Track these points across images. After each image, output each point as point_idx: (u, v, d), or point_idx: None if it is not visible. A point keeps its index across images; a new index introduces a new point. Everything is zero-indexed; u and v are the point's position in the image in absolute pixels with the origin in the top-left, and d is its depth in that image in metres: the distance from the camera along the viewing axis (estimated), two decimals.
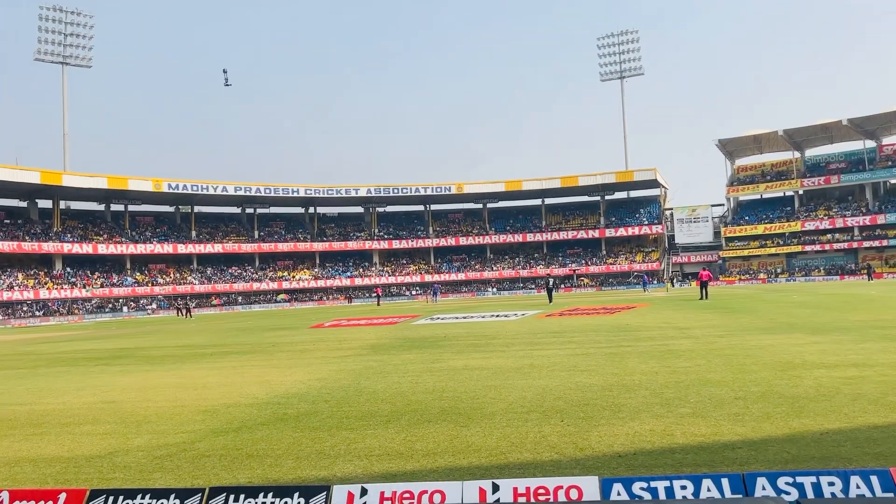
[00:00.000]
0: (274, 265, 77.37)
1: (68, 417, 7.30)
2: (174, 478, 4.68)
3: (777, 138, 77.42)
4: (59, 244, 63.41)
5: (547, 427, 5.59)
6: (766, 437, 4.93)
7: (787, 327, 13.95)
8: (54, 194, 65.15)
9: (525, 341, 13.70)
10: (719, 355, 9.65)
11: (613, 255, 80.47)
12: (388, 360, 11.26)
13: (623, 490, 3.73)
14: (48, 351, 18.78)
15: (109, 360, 14.35)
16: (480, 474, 4.35)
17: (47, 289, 60.87)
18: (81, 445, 5.85)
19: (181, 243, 71.62)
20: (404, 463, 4.79)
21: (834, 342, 10.68)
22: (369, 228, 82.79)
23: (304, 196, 76.70)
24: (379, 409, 6.84)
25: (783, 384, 7.03)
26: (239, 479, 4.58)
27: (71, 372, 12.37)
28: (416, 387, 8.13)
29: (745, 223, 78.89)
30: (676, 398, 6.56)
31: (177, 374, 11.03)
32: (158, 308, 64.71)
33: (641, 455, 4.65)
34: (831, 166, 77.91)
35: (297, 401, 7.58)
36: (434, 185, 78.70)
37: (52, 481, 4.73)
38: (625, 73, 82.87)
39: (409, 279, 77.76)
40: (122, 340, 22.00)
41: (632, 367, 8.91)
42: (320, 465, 4.85)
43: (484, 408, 6.57)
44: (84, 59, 71.14)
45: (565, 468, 4.43)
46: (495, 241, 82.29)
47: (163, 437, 6.04)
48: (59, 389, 9.81)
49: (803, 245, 73.58)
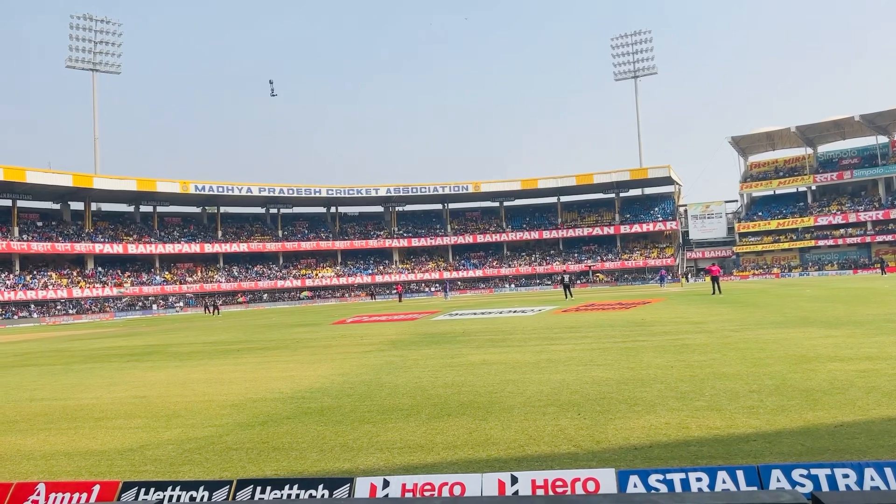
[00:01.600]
0: (297, 263, 78.09)
1: (101, 412, 7.50)
2: (203, 470, 4.79)
3: (790, 135, 76.73)
4: (91, 244, 64.71)
5: (564, 420, 5.65)
6: (781, 430, 4.93)
7: (800, 321, 13.81)
8: (86, 196, 66.51)
9: (542, 336, 13.73)
10: (734, 349, 9.61)
11: (628, 251, 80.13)
12: (409, 356, 11.37)
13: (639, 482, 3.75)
14: (81, 348, 19.19)
15: (140, 357, 14.66)
16: (499, 467, 4.40)
17: (80, 287, 62.16)
18: (114, 439, 6.01)
19: (208, 243, 72.64)
20: (425, 455, 4.86)
21: (848, 335, 10.56)
22: (389, 227, 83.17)
23: (326, 196, 77.40)
24: (400, 403, 6.93)
25: (797, 377, 7.01)
26: (265, 471, 4.67)
27: (103, 368, 12.67)
28: (435, 381, 8.22)
29: (759, 219, 78.37)
30: (692, 392, 6.57)
31: (204, 370, 11.25)
32: (186, 306, 65.72)
33: (657, 448, 4.68)
34: (844, 162, 77.06)
35: (320, 395, 7.71)
36: (452, 185, 78.98)
37: (87, 473, 4.86)
38: (638, 73, 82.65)
39: (428, 276, 78.07)
40: (151, 337, 22.41)
41: (647, 361, 8.91)
42: (343, 457, 4.93)
43: (502, 401, 6.64)
44: (113, 66, 72.58)
45: (582, 461, 4.47)
46: (512, 238, 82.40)
47: (192, 430, 6.19)
48: (93, 385, 10.07)
49: (816, 240, 73.13)
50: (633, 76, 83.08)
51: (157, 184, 67.40)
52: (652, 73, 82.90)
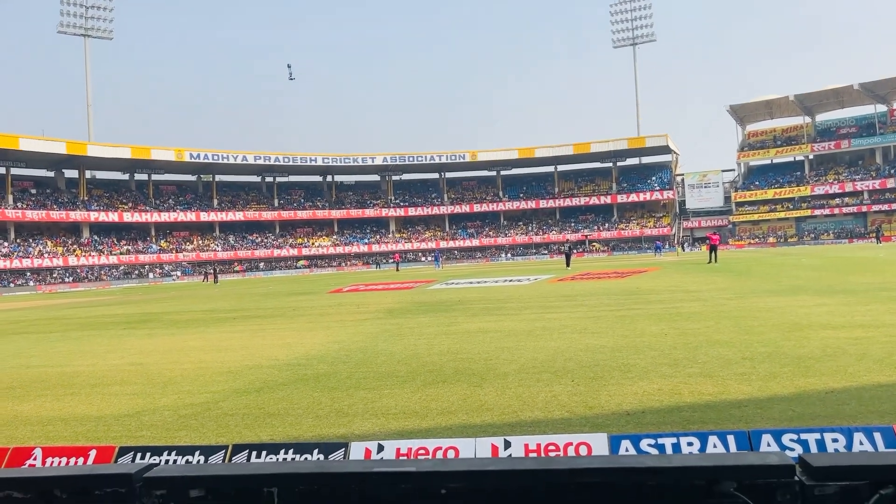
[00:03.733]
0: (294, 232, 77.97)
1: (97, 379, 7.54)
2: (199, 436, 4.83)
3: (788, 103, 76.36)
4: (86, 213, 64.42)
5: (558, 387, 5.69)
6: (772, 396, 4.98)
7: (794, 289, 13.91)
8: (80, 164, 65.98)
9: (537, 305, 13.81)
10: (727, 317, 9.68)
11: (625, 220, 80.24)
12: (405, 324, 11.43)
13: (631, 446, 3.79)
14: (78, 315, 19.24)
15: (136, 325, 14.70)
16: (493, 432, 4.44)
17: (76, 256, 62.08)
18: (110, 405, 6.05)
19: (203, 211, 72.37)
20: (420, 421, 4.91)
21: (841, 304, 10.64)
22: (385, 196, 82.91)
23: (322, 165, 76.98)
24: (395, 369, 6.98)
25: (790, 345, 7.05)
26: (261, 436, 4.71)
27: (100, 335, 12.71)
28: (431, 349, 8.27)
29: (756, 188, 78.49)
30: (684, 358, 6.62)
31: (201, 338, 11.30)
32: (183, 274, 65.72)
33: (650, 413, 4.73)
34: (842, 131, 76.89)
35: (316, 362, 7.76)
36: (448, 153, 78.57)
37: (83, 439, 4.89)
38: (637, 40, 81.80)
39: (424, 245, 78.18)
40: (147, 305, 22.45)
41: (641, 328, 8.97)
42: (339, 423, 4.97)
43: (497, 368, 6.69)
44: (105, 31, 71.51)
45: (575, 426, 4.51)
46: (509, 207, 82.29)
47: (188, 397, 6.23)
48: (89, 352, 10.11)
49: (813, 209, 73.41)
50: (632, 43, 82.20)
51: (151, 151, 66.84)
52: (651, 41, 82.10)
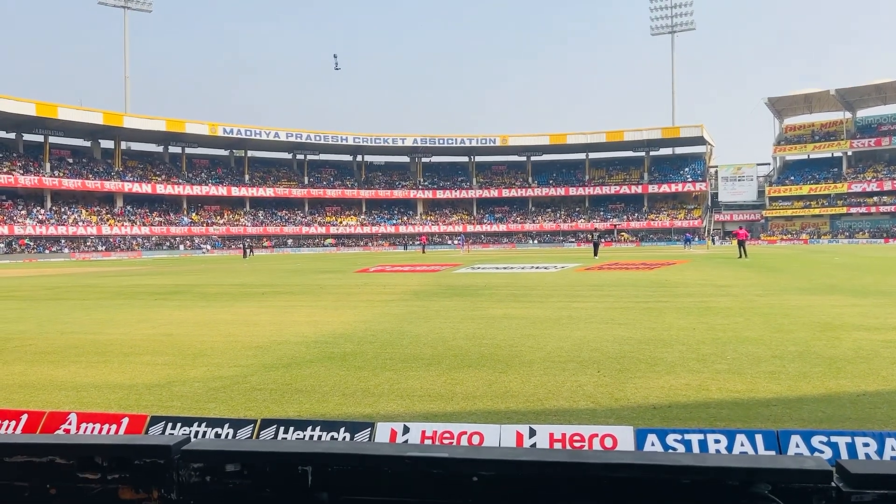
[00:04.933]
0: (322, 210, 78.51)
1: (129, 347, 7.71)
2: (228, 408, 4.92)
3: (828, 98, 74.34)
4: (121, 183, 65.57)
5: (583, 377, 5.67)
6: (802, 396, 4.90)
7: (827, 288, 13.65)
8: (116, 135, 67.05)
9: (564, 293, 13.74)
10: (758, 314, 9.53)
11: (655, 211, 79.20)
12: (430, 306, 11.47)
13: (657, 441, 3.77)
14: (110, 284, 19.64)
15: (168, 296, 14.98)
16: (517, 419, 4.45)
17: (109, 225, 63.30)
18: (142, 374, 6.19)
19: (235, 186, 73.20)
20: (444, 404, 4.93)
21: (875, 305, 10.41)
22: (414, 178, 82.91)
23: (353, 144, 77.20)
24: (421, 352, 7.02)
25: (821, 345, 6.93)
26: (288, 412, 4.78)
27: (132, 305, 12.98)
28: (456, 333, 8.29)
29: (791, 183, 76.91)
30: (713, 354, 6.54)
31: (230, 311, 11.47)
32: (213, 248, 66.66)
33: (676, 408, 4.68)
34: (883, 128, 74.63)
35: (343, 341, 7.84)
36: (479, 137, 78.25)
37: (116, 406, 5.01)
38: (676, 28, 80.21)
39: (451, 228, 78.20)
40: (178, 277, 22.84)
41: (669, 322, 8.88)
42: (365, 402, 5.02)
43: (522, 355, 6.68)
44: (145, 3, 72.44)
45: (600, 417, 4.50)
46: (538, 193, 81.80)
47: (217, 369, 6.34)
48: (121, 321, 10.33)
49: (848, 207, 71.74)
50: (671, 31, 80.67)
51: (185, 125, 67.65)
52: (690, 29, 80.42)
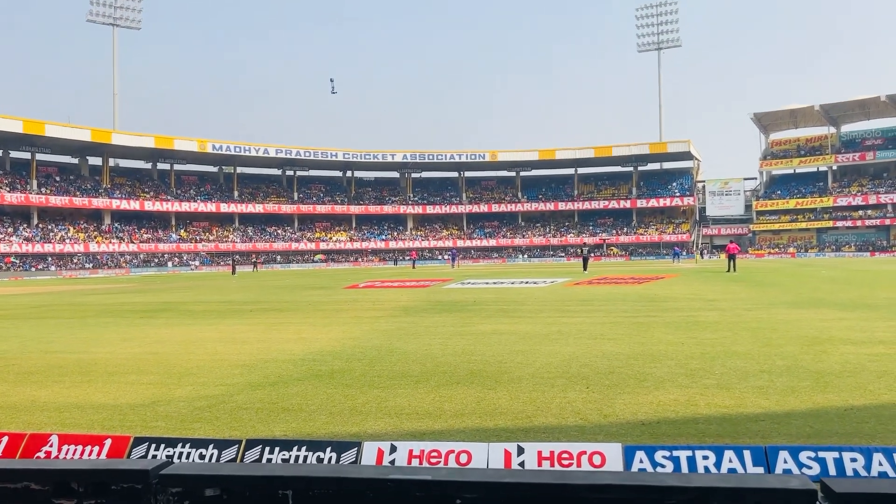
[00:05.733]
0: (312, 226, 78.42)
1: (114, 367, 7.60)
2: (213, 428, 4.85)
3: (813, 113, 75.42)
4: (108, 200, 65.22)
5: (572, 393, 5.65)
6: (790, 411, 4.90)
7: (814, 302, 13.72)
8: (104, 152, 66.80)
9: (553, 308, 13.74)
10: (746, 328, 9.56)
11: (644, 225, 79.77)
12: (419, 322, 11.43)
13: (646, 458, 3.74)
14: (96, 302, 19.44)
15: (154, 314, 14.84)
16: (506, 436, 4.42)
17: (96, 242, 62.86)
18: (126, 394, 6.09)
19: (224, 202, 72.99)
20: (432, 422, 4.89)
21: (862, 319, 10.48)
22: (404, 193, 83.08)
23: (343, 160, 77.38)
24: (409, 369, 6.97)
25: (809, 359, 6.96)
26: (274, 431, 4.72)
27: (117, 323, 12.84)
28: (445, 349, 8.26)
29: (777, 197, 77.79)
30: (701, 369, 6.55)
31: (217, 329, 11.37)
32: (201, 264, 66.32)
33: (665, 424, 4.67)
34: (867, 142, 75.80)
35: (331, 358, 7.78)
36: (468, 152, 78.73)
37: (99, 427, 4.92)
38: (662, 45, 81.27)
39: (441, 244, 78.32)
40: (165, 294, 22.65)
41: (658, 337, 8.89)
42: (352, 421, 4.97)
43: (511, 371, 6.66)
44: (133, 21, 72.38)
45: (589, 434, 4.48)
46: (527, 208, 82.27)
47: (203, 388, 6.26)
48: (106, 339, 10.21)
49: (835, 220, 72.57)
50: (657, 48, 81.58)
51: (174, 141, 67.50)
52: (676, 46, 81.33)
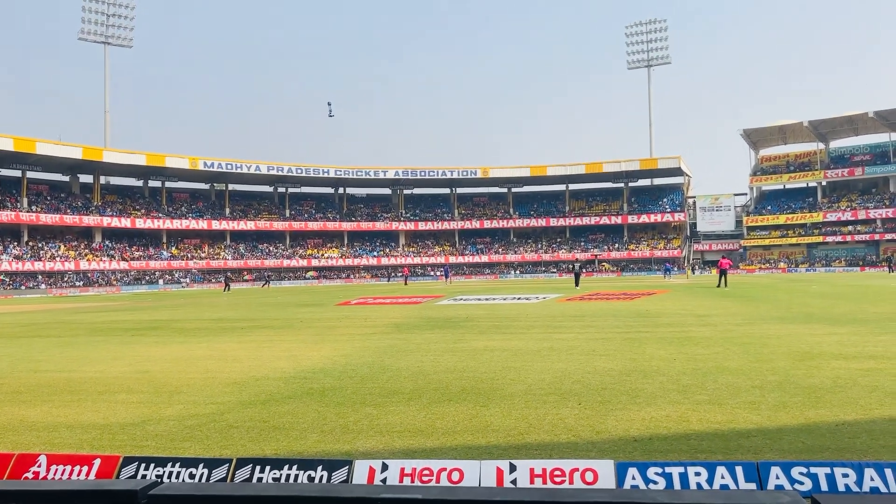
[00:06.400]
0: (304, 243, 78.32)
1: (104, 386, 7.55)
2: (203, 447, 4.82)
3: (802, 129, 76.32)
4: (99, 218, 64.96)
5: (564, 409, 5.65)
6: (782, 427, 4.92)
7: (805, 317, 13.77)
8: (95, 170, 66.68)
9: (545, 324, 13.74)
10: (737, 343, 9.60)
11: (635, 241, 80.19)
12: (411, 339, 11.40)
13: (638, 474, 3.74)
14: (87, 321, 19.29)
15: (144, 332, 14.74)
16: (498, 454, 4.42)
17: (87, 260, 62.50)
18: (116, 413, 6.05)
19: (215, 220, 72.84)
20: (424, 440, 4.88)
21: (852, 333, 10.54)
22: (396, 210, 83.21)
23: (334, 177, 77.55)
24: (401, 386, 6.95)
25: (800, 374, 6.99)
26: (265, 450, 4.70)
27: (108, 341, 12.74)
28: (437, 366, 8.24)
29: (768, 213, 78.43)
30: (693, 385, 6.56)
31: (208, 347, 11.31)
32: (192, 282, 65.99)
33: (657, 440, 4.68)
34: (855, 158, 76.71)
35: (322, 376, 7.75)
36: (460, 169, 79.11)
37: (88, 447, 4.89)
38: (652, 62, 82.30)
39: (433, 260, 78.41)
40: (156, 312, 22.52)
41: (650, 352, 8.91)
42: (343, 439, 4.95)
43: (503, 388, 6.65)
44: (125, 40, 72.60)
45: (581, 451, 4.48)
46: (519, 224, 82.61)
47: (194, 407, 6.22)
48: (97, 358, 10.13)
49: (825, 236, 73.28)
50: (647, 65, 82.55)
51: (166, 159, 67.43)
52: (665, 63, 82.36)
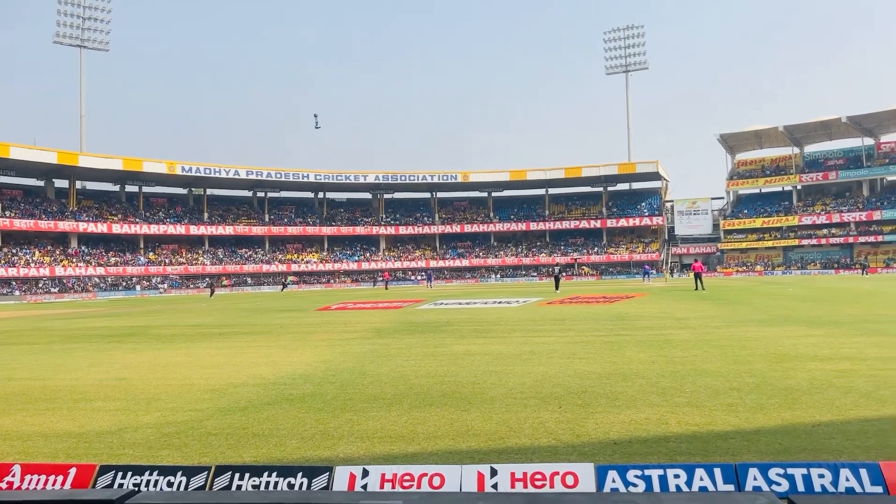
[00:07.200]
0: (283, 248, 77.85)
1: (80, 393, 7.44)
2: (181, 455, 4.76)
3: (777, 134, 77.61)
4: (75, 223, 64.02)
5: (545, 413, 5.67)
6: (759, 428, 4.98)
7: (781, 320, 13.95)
8: (70, 174, 65.74)
9: (526, 328, 13.79)
10: (715, 346, 9.70)
11: (614, 244, 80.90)
12: (392, 344, 11.38)
13: (618, 477, 3.75)
14: (62, 327, 19.01)
15: (122, 338, 14.54)
16: (479, 458, 4.42)
17: (63, 266, 61.55)
18: (92, 421, 5.96)
19: (193, 225, 72.14)
20: (405, 445, 4.87)
21: (827, 335, 10.70)
22: (377, 214, 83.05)
23: (314, 181, 77.19)
24: (382, 391, 6.93)
25: (777, 376, 7.08)
26: (244, 457, 4.66)
27: (84, 348, 12.56)
28: (418, 371, 8.23)
29: (744, 216, 79.53)
30: (672, 387, 6.62)
31: (186, 353, 11.19)
32: (170, 287, 65.27)
33: (637, 443, 4.71)
34: (829, 162, 78.24)
35: (302, 382, 7.70)
36: (440, 174, 79.20)
37: (63, 456, 4.81)
38: (630, 68, 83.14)
39: (414, 264, 78.33)
40: (134, 319, 22.22)
41: (629, 355, 8.97)
42: (324, 445, 4.92)
43: (484, 393, 6.66)
44: (101, 43, 71.64)
45: (562, 454, 4.50)
46: (499, 228, 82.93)
47: (171, 414, 6.15)
48: (72, 366, 9.98)
49: (800, 239, 74.47)
50: (625, 71, 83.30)
51: (143, 163, 66.67)
52: (643, 69, 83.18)
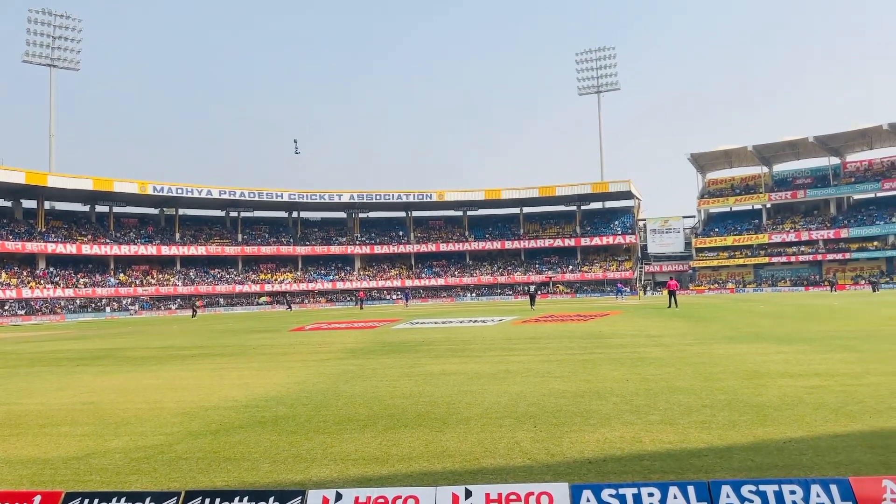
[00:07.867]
0: (257, 268, 77.11)
1: (46, 418, 7.27)
2: (151, 480, 4.68)
3: (746, 153, 79.27)
4: (43, 244, 62.76)
5: (520, 433, 5.67)
6: (732, 445, 5.04)
7: (753, 337, 14.15)
8: (39, 194, 64.56)
9: (501, 347, 13.82)
10: (688, 363, 9.81)
11: (588, 263, 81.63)
12: (367, 364, 11.31)
13: (592, 496, 3.77)
14: (29, 350, 18.59)
15: (90, 361, 14.25)
16: (454, 479, 4.41)
17: (30, 288, 60.17)
18: (58, 447, 5.83)
19: (165, 245, 71.14)
20: (380, 467, 4.84)
21: (798, 352, 10.87)
22: (351, 233, 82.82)
23: (288, 201, 76.79)
24: (356, 413, 6.88)
25: (748, 393, 7.17)
26: (215, 482, 4.59)
27: (51, 372, 12.28)
28: (393, 391, 8.18)
29: (715, 234, 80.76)
30: (646, 405, 6.67)
31: (157, 376, 11.00)
32: (141, 309, 64.16)
33: (611, 461, 4.73)
34: (798, 181, 79.92)
35: (275, 404, 7.61)
36: (416, 192, 79.38)
37: (28, 483, 4.70)
38: (602, 88, 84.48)
39: (389, 283, 78.11)
40: (103, 341, 21.80)
41: (604, 374, 9.03)
42: (296, 468, 4.87)
43: (459, 412, 6.64)
44: (72, 62, 70.87)
45: (537, 474, 4.51)
46: (474, 247, 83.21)
47: (141, 438, 6.04)
48: (39, 389, 9.76)
49: (770, 257, 75.66)
50: (597, 91, 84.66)
51: (114, 184, 65.70)
52: (615, 89, 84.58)
